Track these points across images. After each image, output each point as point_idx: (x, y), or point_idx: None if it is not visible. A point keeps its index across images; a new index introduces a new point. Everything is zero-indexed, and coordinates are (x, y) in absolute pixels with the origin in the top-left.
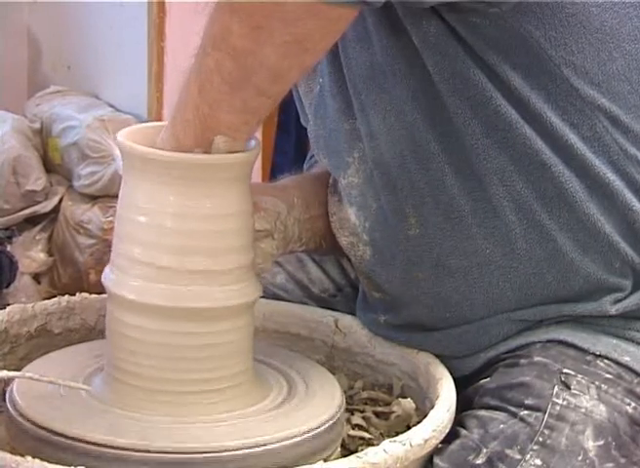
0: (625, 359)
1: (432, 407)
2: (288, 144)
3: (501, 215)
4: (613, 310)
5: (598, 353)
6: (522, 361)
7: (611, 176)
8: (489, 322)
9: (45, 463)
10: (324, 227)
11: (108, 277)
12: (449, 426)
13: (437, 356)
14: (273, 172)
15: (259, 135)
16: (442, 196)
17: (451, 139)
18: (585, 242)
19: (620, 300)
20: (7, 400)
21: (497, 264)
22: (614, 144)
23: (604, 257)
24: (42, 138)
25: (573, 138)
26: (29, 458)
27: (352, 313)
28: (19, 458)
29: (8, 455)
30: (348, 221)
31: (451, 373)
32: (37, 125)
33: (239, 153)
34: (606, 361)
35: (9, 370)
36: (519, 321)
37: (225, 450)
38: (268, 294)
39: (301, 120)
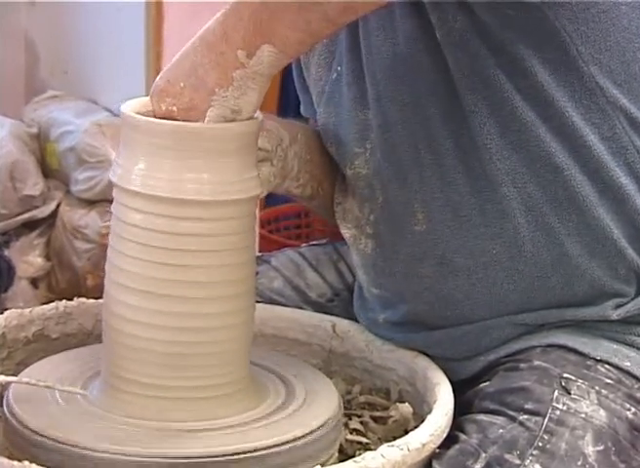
0: (626, 364)
1: (430, 411)
2: None
3: (510, 217)
4: (614, 315)
5: (598, 358)
6: (522, 365)
7: (624, 180)
8: (490, 324)
9: None
10: (322, 175)
11: (114, 172)
12: (446, 431)
13: (437, 358)
14: None
15: None
16: (452, 193)
17: (465, 138)
18: (593, 247)
19: (621, 305)
20: (4, 405)
21: (502, 265)
22: (630, 146)
23: (610, 263)
24: (39, 143)
25: (592, 139)
26: (26, 463)
27: (350, 317)
28: (16, 463)
29: (5, 460)
30: (352, 213)
31: (451, 377)
32: (35, 130)
33: (240, 122)
34: (606, 366)
35: (6, 374)
36: (520, 324)
37: (223, 455)
38: (265, 300)
39: (302, 109)
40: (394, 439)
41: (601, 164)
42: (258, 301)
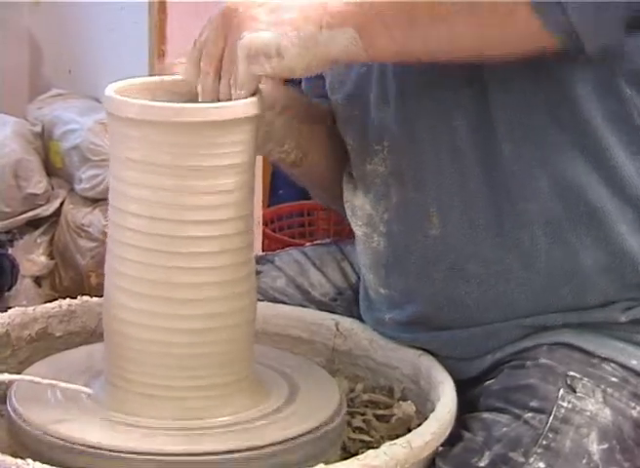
0: (632, 362)
1: (433, 409)
2: None
3: (528, 229)
4: (623, 317)
5: (604, 356)
6: (528, 363)
7: None
8: (498, 327)
9: (45, 466)
10: (309, 147)
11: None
12: (449, 428)
13: (443, 358)
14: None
15: None
16: (471, 202)
17: (490, 151)
18: (608, 261)
19: (630, 308)
20: (7, 403)
21: (514, 275)
22: None
23: (623, 277)
24: (43, 142)
25: (621, 156)
26: (29, 461)
27: (353, 316)
28: (19, 461)
29: (8, 458)
30: (362, 210)
31: (456, 376)
32: (38, 128)
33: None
34: (612, 364)
35: (10, 372)
36: (528, 326)
37: (226, 453)
38: (268, 299)
39: (303, 87)
40: (397, 437)
41: (626, 181)
42: (260, 300)
